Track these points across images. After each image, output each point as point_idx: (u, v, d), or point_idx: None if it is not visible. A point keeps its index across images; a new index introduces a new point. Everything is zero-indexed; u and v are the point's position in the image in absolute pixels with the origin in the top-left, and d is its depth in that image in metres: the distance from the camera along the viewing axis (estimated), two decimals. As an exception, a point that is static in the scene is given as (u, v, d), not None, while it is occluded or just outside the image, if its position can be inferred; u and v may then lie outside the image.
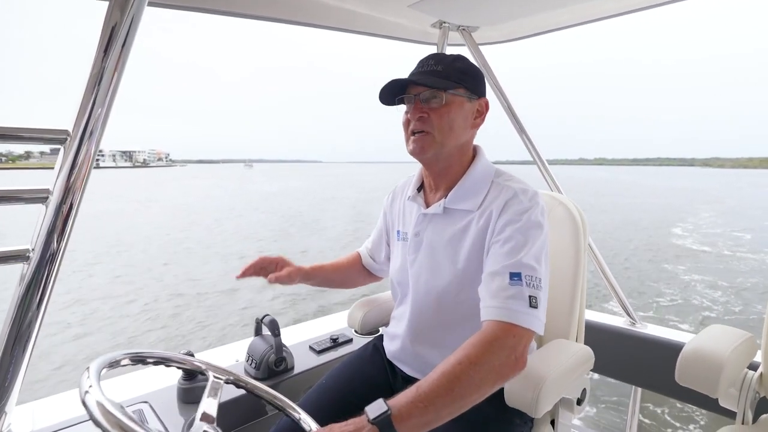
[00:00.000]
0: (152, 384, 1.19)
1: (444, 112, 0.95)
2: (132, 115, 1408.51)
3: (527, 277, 0.84)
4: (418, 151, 0.98)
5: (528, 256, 0.85)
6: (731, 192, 40.59)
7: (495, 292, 0.84)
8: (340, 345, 1.51)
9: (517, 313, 0.81)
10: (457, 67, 0.97)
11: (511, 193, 0.94)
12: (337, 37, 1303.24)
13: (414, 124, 0.97)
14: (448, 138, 0.97)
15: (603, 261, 1.74)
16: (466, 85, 0.97)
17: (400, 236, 1.14)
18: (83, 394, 0.54)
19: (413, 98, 0.97)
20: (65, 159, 0.82)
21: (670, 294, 8.37)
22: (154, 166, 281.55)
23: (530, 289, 0.83)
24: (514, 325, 0.80)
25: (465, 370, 0.74)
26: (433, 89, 0.94)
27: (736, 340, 1.03)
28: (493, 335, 0.79)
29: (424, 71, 0.97)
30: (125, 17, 0.80)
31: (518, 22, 1.56)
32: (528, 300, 0.82)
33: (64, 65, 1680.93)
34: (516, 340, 0.79)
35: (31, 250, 0.82)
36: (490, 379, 0.76)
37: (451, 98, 0.95)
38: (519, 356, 0.80)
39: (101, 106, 0.82)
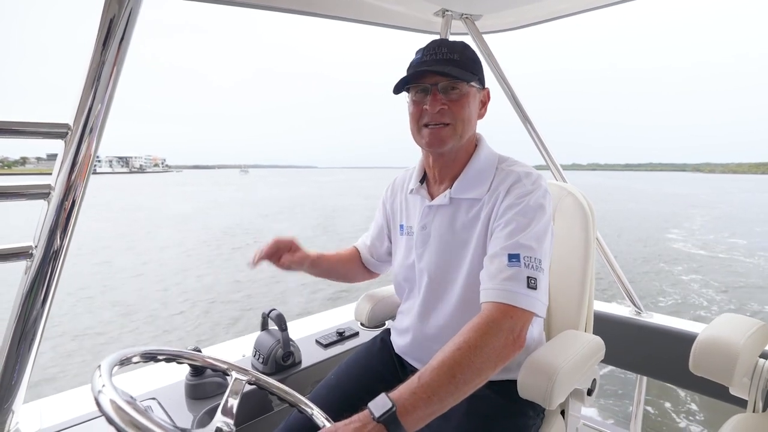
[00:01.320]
0: (160, 380, 1.19)
1: (464, 104, 0.93)
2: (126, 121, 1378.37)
3: (525, 258, 0.82)
4: (437, 143, 0.95)
5: (527, 237, 0.84)
6: (724, 197, 40.71)
7: (493, 274, 0.83)
8: (347, 338, 1.50)
9: (515, 295, 0.79)
10: (469, 56, 0.95)
11: (515, 177, 0.93)
12: (333, 42, 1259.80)
13: (432, 115, 0.93)
14: (466, 130, 0.96)
15: (609, 251, 1.73)
16: (479, 76, 0.96)
17: (404, 230, 1.12)
18: (96, 393, 0.53)
19: (430, 88, 0.93)
20: (66, 154, 0.80)
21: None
22: (150, 171, 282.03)
23: (528, 270, 0.81)
24: (512, 307, 0.79)
25: (465, 355, 0.72)
26: (455, 80, 0.91)
27: (749, 328, 1.02)
28: (491, 317, 0.78)
29: (440, 59, 0.93)
30: (123, 9, 0.78)
31: (521, 10, 1.53)
32: (526, 281, 0.80)
33: (63, 62, 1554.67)
34: (514, 322, 0.78)
35: (34, 248, 0.81)
36: (490, 362, 0.74)
37: (467, 89, 0.94)
38: (517, 337, 0.78)
39: (101, 100, 0.80)
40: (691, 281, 9.49)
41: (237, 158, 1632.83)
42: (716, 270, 10.66)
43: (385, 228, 1.24)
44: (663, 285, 9.08)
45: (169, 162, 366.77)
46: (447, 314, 0.99)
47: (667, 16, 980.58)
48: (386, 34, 11.27)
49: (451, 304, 0.98)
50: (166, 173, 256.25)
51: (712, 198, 39.10)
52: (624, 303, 1.79)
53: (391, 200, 1.21)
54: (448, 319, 0.99)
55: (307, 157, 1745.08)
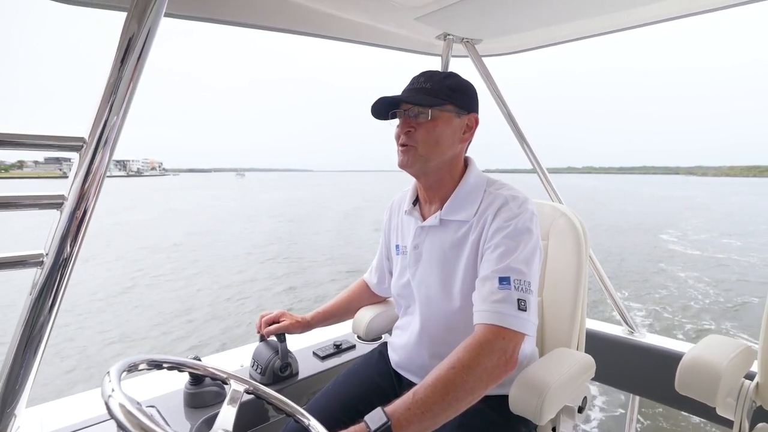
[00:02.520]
0: (160, 388, 1.20)
1: (430, 128, 0.98)
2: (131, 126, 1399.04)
3: (516, 281, 0.86)
4: (404, 163, 1.01)
5: (516, 261, 0.88)
6: (718, 200, 41.20)
7: (485, 297, 0.87)
8: (344, 351, 1.52)
9: (506, 317, 0.83)
10: (446, 84, 1.00)
11: (502, 200, 0.97)
12: (329, 49, 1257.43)
13: (402, 137, 1.00)
14: (433, 152, 0.99)
15: (602, 271, 1.76)
16: (454, 102, 1.00)
17: (400, 250, 1.16)
18: (106, 398, 0.55)
19: (403, 113, 1.01)
20: (80, 166, 0.83)
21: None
22: (147, 175, 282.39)
23: (519, 292, 0.86)
24: (504, 328, 0.83)
25: (459, 374, 0.77)
26: (420, 105, 0.98)
27: (733, 350, 1.05)
28: (484, 339, 0.82)
29: (414, 88, 1.01)
30: (142, 28, 0.82)
31: (521, 36, 1.59)
32: (517, 303, 0.85)
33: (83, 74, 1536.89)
34: (506, 343, 0.82)
35: (45, 255, 0.84)
36: (482, 382, 0.79)
37: (438, 114, 0.98)
38: (509, 358, 0.82)
39: (117, 115, 0.83)
40: (687, 278, 10.20)
41: (233, 162, 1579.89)
42: (711, 267, 11.28)
43: (386, 249, 1.29)
44: (663, 281, 9.81)
45: (165, 165, 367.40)
46: (440, 331, 1.03)
47: (669, 24, 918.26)
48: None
49: (443, 322, 1.02)
50: (164, 176, 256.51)
51: (708, 201, 39.50)
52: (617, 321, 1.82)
53: (389, 221, 1.26)
54: (441, 335, 1.03)
55: (303, 161, 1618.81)
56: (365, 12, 1.32)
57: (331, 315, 1.35)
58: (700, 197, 44.55)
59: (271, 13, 1.25)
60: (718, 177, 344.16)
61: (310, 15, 1.29)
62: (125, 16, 0.82)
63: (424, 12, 1.32)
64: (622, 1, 1.24)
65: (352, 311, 1.40)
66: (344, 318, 1.40)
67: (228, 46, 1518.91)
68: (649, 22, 1.42)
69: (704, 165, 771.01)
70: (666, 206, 32.21)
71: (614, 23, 1.43)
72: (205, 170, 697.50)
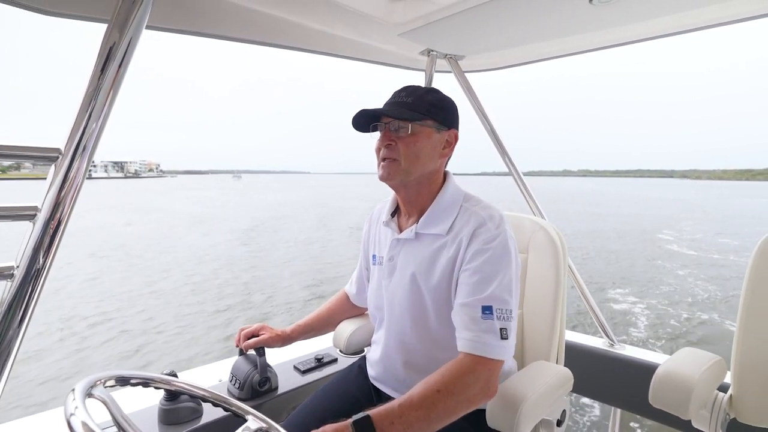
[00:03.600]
0: (132, 404, 1.17)
1: (411, 142, 0.99)
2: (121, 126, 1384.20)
3: (498, 310, 0.89)
4: (385, 176, 1.02)
5: (499, 288, 0.90)
6: (714, 203, 42.20)
7: (468, 325, 0.90)
8: (325, 365, 1.50)
9: (489, 347, 0.87)
10: (427, 99, 1.02)
11: (479, 220, 0.97)
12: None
13: (383, 151, 1.02)
14: (414, 166, 1.00)
15: (583, 283, 1.78)
16: (434, 117, 1.01)
17: (376, 260, 1.17)
18: (68, 416, 0.54)
19: (384, 126, 1.02)
20: (55, 176, 0.82)
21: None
22: (145, 176, 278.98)
23: (501, 321, 0.89)
24: (487, 359, 0.87)
25: (442, 398, 0.82)
26: (402, 120, 0.99)
27: (705, 363, 1.07)
28: (468, 368, 0.86)
29: (395, 102, 1.02)
30: (123, 38, 0.82)
31: (503, 53, 1.63)
32: (499, 333, 0.88)
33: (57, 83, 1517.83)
34: (488, 373, 0.87)
35: (16, 267, 0.82)
36: (463, 407, 0.84)
37: (418, 129, 1.00)
38: (491, 386, 0.88)
39: (94, 125, 0.83)
40: (687, 275, 10.83)
41: (229, 164, 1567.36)
42: (707, 266, 11.97)
43: (364, 259, 1.29)
44: (663, 278, 10.40)
45: (162, 167, 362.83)
46: (413, 343, 1.03)
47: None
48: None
49: (416, 336, 1.03)
50: (161, 178, 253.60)
51: (705, 204, 40.50)
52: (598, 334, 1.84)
53: (368, 231, 1.26)
54: (413, 347, 1.03)
55: (299, 163, 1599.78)
56: (349, 27, 1.34)
57: (312, 328, 1.34)
58: (698, 200, 45.93)
59: (254, 27, 1.26)
60: (712, 180, 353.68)
61: (294, 29, 1.31)
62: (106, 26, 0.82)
63: (408, 28, 1.35)
64: (602, 21, 1.26)
65: (333, 324, 1.39)
66: (325, 331, 1.39)
67: (223, 49, 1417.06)
68: (629, 41, 1.47)
69: (698, 168, 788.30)
70: (667, 208, 33.25)
71: (595, 41, 1.47)
72: (202, 172, 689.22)
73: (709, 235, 18.13)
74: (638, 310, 7.92)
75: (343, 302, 1.40)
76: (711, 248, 14.73)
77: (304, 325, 1.32)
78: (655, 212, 29.24)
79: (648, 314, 7.66)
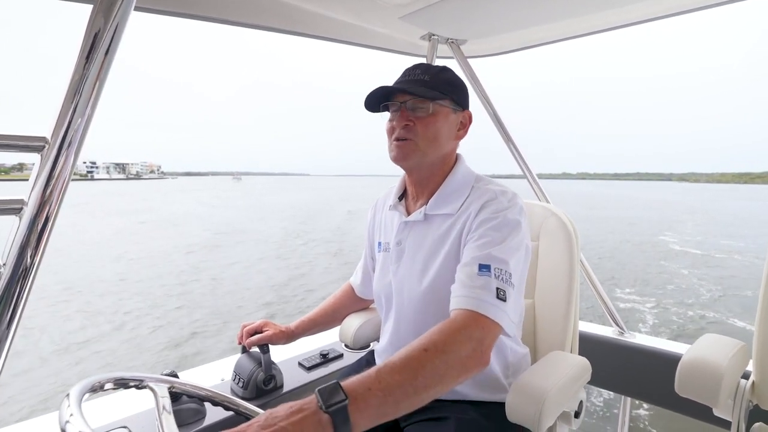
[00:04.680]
0: (132, 407, 1.13)
1: (430, 122, 0.95)
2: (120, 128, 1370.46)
3: (496, 269, 0.82)
4: (400, 157, 0.97)
5: (500, 250, 0.84)
6: (716, 206, 42.38)
7: (463, 282, 0.83)
8: (331, 361, 1.46)
9: (484, 303, 0.79)
10: (443, 78, 0.98)
11: (490, 194, 0.94)
12: (323, 54, 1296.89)
13: (399, 131, 0.96)
14: (432, 147, 0.96)
15: (591, 270, 1.75)
16: (452, 97, 0.97)
17: (382, 247, 1.12)
18: (63, 423, 0.49)
19: (399, 106, 0.97)
20: (42, 168, 0.77)
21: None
22: (146, 178, 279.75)
23: (498, 281, 0.81)
24: (481, 315, 0.78)
25: (430, 358, 0.69)
26: (420, 98, 0.94)
27: (731, 350, 1.03)
28: (461, 323, 0.77)
29: (411, 80, 0.97)
30: (110, 23, 0.77)
31: (506, 36, 1.58)
32: (495, 291, 0.80)
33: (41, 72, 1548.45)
34: (483, 333, 0.76)
35: (2, 265, 0.77)
36: (454, 370, 0.71)
37: (437, 108, 0.95)
38: (485, 350, 0.76)
39: (82, 114, 0.78)
40: (690, 275, 11.18)
41: (228, 165, 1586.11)
42: (710, 266, 12.37)
43: (369, 248, 1.24)
44: (670, 277, 10.74)
45: (163, 169, 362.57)
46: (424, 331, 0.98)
47: (653, 27, 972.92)
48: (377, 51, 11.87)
49: (428, 322, 0.97)
50: (162, 180, 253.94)
51: (704, 206, 40.74)
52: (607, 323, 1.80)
53: (373, 218, 1.22)
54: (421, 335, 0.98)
55: (299, 165, 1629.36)
56: (349, 10, 1.29)
57: (317, 323, 1.30)
58: (700, 202, 46.43)
59: (250, 10, 1.20)
60: (711, 183, 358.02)
61: (292, 12, 1.26)
62: (90, 9, 0.77)
63: (408, 11, 1.30)
64: (608, 1, 1.23)
65: (338, 318, 1.35)
66: (330, 326, 1.35)
67: (222, 50, 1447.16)
68: (634, 21, 1.42)
69: (697, 172, 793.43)
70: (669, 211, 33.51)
71: (601, 22, 1.43)
72: (202, 173, 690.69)
73: (710, 237, 18.40)
74: (645, 308, 8.12)
75: (347, 296, 1.35)
76: (712, 249, 14.99)
77: (309, 320, 1.28)
78: (656, 215, 29.58)
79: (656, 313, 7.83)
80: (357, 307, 1.37)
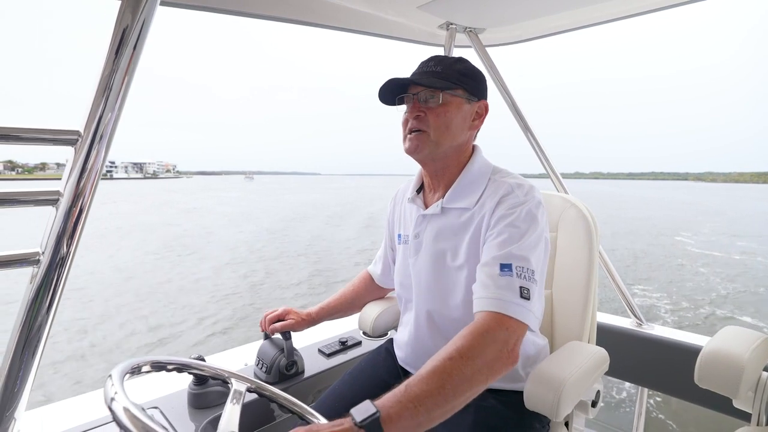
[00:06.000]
0: (163, 389, 1.18)
1: (441, 112, 0.95)
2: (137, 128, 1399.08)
3: (518, 268, 0.82)
4: (413, 149, 0.98)
5: (519, 248, 0.84)
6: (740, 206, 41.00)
7: (485, 283, 0.83)
8: (350, 348, 1.49)
9: (508, 304, 0.79)
10: (457, 68, 0.97)
11: (507, 188, 0.93)
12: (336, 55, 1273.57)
13: (411, 122, 0.97)
14: (444, 137, 0.96)
15: (609, 261, 1.73)
16: (465, 87, 0.97)
17: (401, 239, 1.13)
18: (109, 401, 0.53)
19: (412, 97, 0.97)
20: (76, 161, 0.81)
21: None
22: (162, 177, 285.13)
23: (521, 280, 0.81)
24: (506, 316, 0.78)
25: (456, 365, 0.70)
26: (431, 89, 0.94)
27: (753, 342, 1.02)
28: (485, 326, 0.77)
29: (424, 71, 0.98)
30: (137, 18, 0.79)
31: (524, 24, 1.56)
32: (519, 291, 0.80)
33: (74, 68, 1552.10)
34: (508, 333, 0.77)
35: (41, 254, 0.81)
36: (482, 374, 0.72)
37: (448, 98, 0.95)
38: (511, 350, 0.77)
39: (112, 108, 0.81)
40: (710, 273, 11.52)
41: (241, 165, 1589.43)
42: (727, 265, 12.64)
43: (389, 240, 1.26)
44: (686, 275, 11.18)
45: (178, 168, 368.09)
46: (443, 323, 1.00)
47: (667, 23, 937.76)
48: (391, 49, 11.52)
49: (445, 314, 0.99)
50: (178, 179, 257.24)
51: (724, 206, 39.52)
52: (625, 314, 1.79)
53: (393, 210, 1.23)
54: (444, 327, 1.00)
55: (310, 165, 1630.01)
56: (367, 1, 1.29)
57: (336, 310, 1.32)
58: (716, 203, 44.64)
59: (269, 2, 1.21)
60: (728, 183, 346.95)
61: (310, 3, 1.26)
62: (119, 6, 0.80)
63: (426, 0, 1.29)
64: None
65: (357, 306, 1.37)
66: (349, 313, 1.37)
67: (236, 51, 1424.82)
68: (652, 8, 1.39)
69: (714, 171, 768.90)
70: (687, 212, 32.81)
71: (618, 10, 1.40)
72: (216, 173, 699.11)
73: (725, 237, 18.17)
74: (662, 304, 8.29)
75: (367, 283, 1.37)
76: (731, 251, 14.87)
77: (329, 307, 1.31)
78: (674, 214, 28.95)
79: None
80: (375, 296, 1.40)
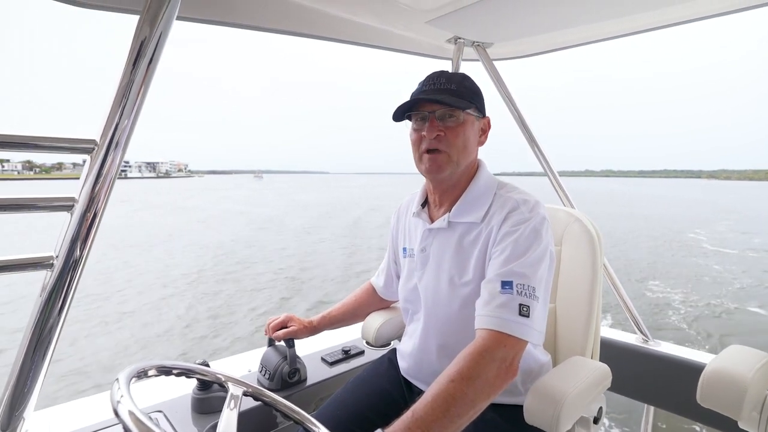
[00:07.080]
0: (167, 393, 1.19)
1: (459, 131, 0.95)
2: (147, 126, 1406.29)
3: (518, 285, 0.83)
4: (434, 170, 0.97)
5: (521, 265, 0.85)
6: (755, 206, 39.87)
7: (486, 301, 0.84)
8: (352, 357, 1.50)
9: (507, 322, 0.80)
10: (467, 86, 0.99)
11: (513, 204, 0.94)
12: (348, 54, 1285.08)
13: (429, 142, 0.96)
14: (463, 157, 0.97)
15: (615, 276, 1.72)
16: (476, 105, 0.98)
17: (407, 253, 1.14)
18: (115, 404, 0.54)
19: (428, 116, 0.96)
20: (91, 168, 0.83)
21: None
22: (175, 176, 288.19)
23: (521, 297, 0.82)
24: (505, 335, 0.79)
25: (458, 387, 0.73)
26: (451, 108, 0.95)
27: (758, 362, 1.01)
28: (484, 347, 0.79)
29: (438, 89, 0.97)
30: (154, 31, 0.82)
31: (532, 39, 1.58)
32: (518, 308, 0.81)
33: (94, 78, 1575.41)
34: (507, 351, 0.79)
35: (55, 257, 0.84)
36: (483, 394, 0.75)
37: (465, 117, 0.96)
38: (510, 365, 0.79)
39: (128, 117, 0.84)
40: (725, 270, 11.39)
41: (249, 164, 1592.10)
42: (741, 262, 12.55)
43: (393, 253, 1.27)
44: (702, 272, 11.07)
45: (190, 167, 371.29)
46: (449, 336, 1.00)
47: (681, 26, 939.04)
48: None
49: (450, 327, 0.99)
50: (189, 178, 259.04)
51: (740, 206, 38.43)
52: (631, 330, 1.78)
53: (397, 224, 1.24)
54: (450, 341, 1.00)
55: (318, 164, 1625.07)
56: (375, 15, 1.32)
57: (339, 320, 1.34)
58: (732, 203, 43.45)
59: (280, 16, 1.25)
60: (742, 181, 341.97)
61: (320, 18, 1.29)
62: (137, 19, 0.83)
63: (435, 15, 1.31)
64: (633, 6, 1.22)
65: (359, 316, 1.38)
66: (351, 322, 1.39)
67: (246, 51, 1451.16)
68: (658, 26, 1.40)
69: (727, 169, 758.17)
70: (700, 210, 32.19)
71: (626, 26, 1.41)
72: (226, 172, 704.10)
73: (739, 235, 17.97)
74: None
75: (369, 294, 1.38)
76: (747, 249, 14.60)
77: (331, 316, 1.32)
78: (686, 212, 28.52)
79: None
80: (377, 307, 1.40)
